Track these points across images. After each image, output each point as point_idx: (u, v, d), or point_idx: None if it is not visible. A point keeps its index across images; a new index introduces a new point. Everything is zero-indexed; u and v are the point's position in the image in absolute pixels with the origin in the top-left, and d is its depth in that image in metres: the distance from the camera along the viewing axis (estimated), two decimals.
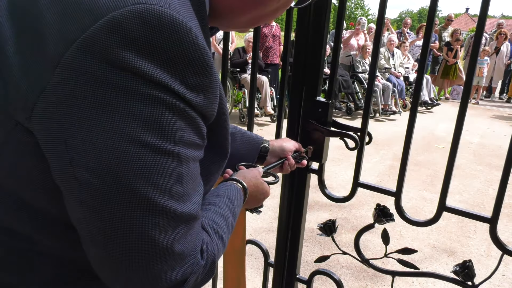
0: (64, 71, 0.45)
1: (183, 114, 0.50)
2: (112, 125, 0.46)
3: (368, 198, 3.82)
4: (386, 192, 1.15)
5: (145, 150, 0.48)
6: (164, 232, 0.51)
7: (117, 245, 0.50)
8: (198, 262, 0.58)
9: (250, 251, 2.73)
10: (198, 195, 0.57)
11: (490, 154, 5.73)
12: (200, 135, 0.54)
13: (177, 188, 0.52)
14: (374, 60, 1.09)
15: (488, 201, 4.06)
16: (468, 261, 1.07)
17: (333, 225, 1.28)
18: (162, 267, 0.52)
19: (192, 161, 0.54)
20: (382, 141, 6.09)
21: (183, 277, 0.55)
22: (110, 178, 0.47)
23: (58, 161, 0.48)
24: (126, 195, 0.48)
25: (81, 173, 0.47)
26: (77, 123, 0.46)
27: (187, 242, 0.55)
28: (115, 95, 0.46)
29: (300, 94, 1.18)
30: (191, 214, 0.54)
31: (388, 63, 8.28)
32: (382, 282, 2.57)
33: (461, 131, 1.01)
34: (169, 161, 0.50)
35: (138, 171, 0.48)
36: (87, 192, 0.48)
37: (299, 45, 1.15)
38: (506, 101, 10.59)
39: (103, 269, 0.54)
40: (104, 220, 0.49)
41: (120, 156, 0.47)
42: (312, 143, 1.18)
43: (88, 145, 0.46)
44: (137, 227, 0.50)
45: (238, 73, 6.72)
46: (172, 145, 0.50)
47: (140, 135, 0.47)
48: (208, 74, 0.52)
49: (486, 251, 3.06)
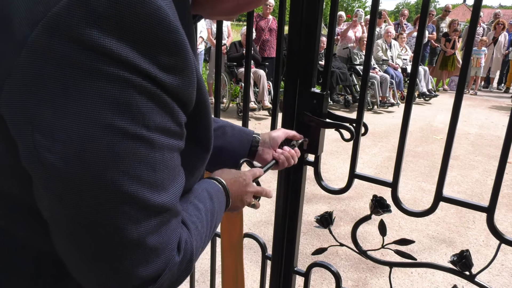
0: (30, 52, 0.43)
1: (155, 97, 0.47)
2: (78, 107, 0.44)
3: (367, 190, 3.82)
4: (382, 183, 1.14)
5: (113, 134, 0.45)
6: (135, 223, 0.48)
7: (84, 236, 0.48)
8: (174, 258, 0.55)
9: (248, 245, 2.73)
10: (175, 187, 0.53)
11: (489, 145, 5.73)
12: (176, 122, 0.51)
13: (149, 176, 0.49)
14: (369, 48, 1.08)
15: (487, 191, 4.06)
16: (466, 251, 1.06)
17: (330, 217, 1.27)
18: (132, 262, 0.50)
19: (168, 150, 0.51)
20: (380, 133, 6.08)
21: (156, 273, 0.52)
22: (76, 162, 0.45)
23: (24, 144, 0.46)
24: (92, 181, 0.45)
25: (46, 156, 0.45)
26: (43, 105, 0.44)
27: (161, 235, 0.52)
28: (82, 75, 0.44)
29: (294, 86, 1.17)
30: (165, 205, 0.51)
31: (385, 55, 8.26)
32: (381, 273, 2.58)
33: (457, 120, 1.01)
34: (139, 146, 0.47)
35: (106, 155, 0.45)
36: (52, 177, 0.46)
37: (293, 36, 1.13)
38: (504, 92, 10.57)
39: (71, 261, 0.52)
40: (69, 207, 0.47)
41: (87, 139, 0.44)
42: (307, 135, 1.17)
43: (53, 127, 0.44)
44: (105, 216, 0.47)
45: (235, 67, 6.69)
46: (142, 129, 0.47)
47: (108, 117, 0.45)
48: (182, 55, 0.49)
49: (485, 241, 3.06)
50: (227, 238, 1.38)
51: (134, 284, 0.51)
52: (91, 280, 0.52)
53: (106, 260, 0.49)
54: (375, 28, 1.06)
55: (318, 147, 1.18)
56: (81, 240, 0.48)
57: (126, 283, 0.51)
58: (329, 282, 2.45)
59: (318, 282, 2.45)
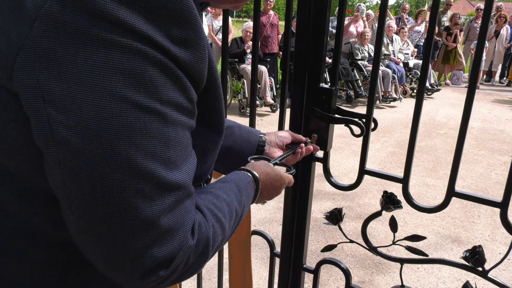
0: (43, 24, 0.43)
1: (168, 70, 0.47)
2: (92, 79, 0.43)
3: (371, 186, 3.81)
4: (393, 178, 1.13)
5: (127, 106, 0.44)
6: (149, 201, 0.47)
7: (97, 213, 0.47)
8: (188, 241, 0.53)
9: (255, 242, 2.72)
10: (188, 167, 0.52)
11: (492, 139, 5.71)
12: (188, 98, 0.51)
13: (163, 152, 0.48)
14: (378, 44, 1.06)
15: (491, 185, 4.05)
16: (479, 246, 1.05)
17: (339, 214, 1.26)
18: (145, 242, 0.48)
19: (181, 126, 0.50)
20: (383, 128, 6.07)
21: (170, 256, 0.51)
22: (89, 135, 0.44)
23: (37, 119, 0.45)
24: (106, 155, 0.44)
25: (59, 131, 0.44)
26: (56, 78, 0.43)
27: (175, 216, 0.51)
28: (95, 47, 0.43)
29: (302, 81, 1.16)
30: (178, 183, 0.50)
31: (387, 50, 8.22)
32: (388, 269, 2.57)
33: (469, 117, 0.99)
34: (153, 121, 0.46)
35: (120, 129, 0.44)
36: (65, 152, 0.45)
37: (301, 31, 1.12)
38: (506, 85, 10.53)
39: (83, 242, 0.50)
40: (83, 183, 0.45)
41: (100, 112, 0.44)
42: (316, 131, 1.16)
43: (66, 100, 0.43)
44: (118, 192, 0.46)
45: (237, 63, 6.67)
46: (156, 103, 0.46)
47: (121, 90, 0.44)
48: (194, 28, 0.49)
49: (491, 236, 3.05)
50: (235, 235, 1.37)
51: (147, 266, 0.50)
52: (104, 261, 0.50)
53: (119, 239, 0.48)
54: (384, 26, 1.05)
55: (328, 143, 1.16)
56: (94, 219, 0.47)
57: (139, 265, 0.50)
58: (335, 279, 2.44)
59: (324, 279, 2.44)
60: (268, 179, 0.80)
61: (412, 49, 8.89)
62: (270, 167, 0.83)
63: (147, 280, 0.51)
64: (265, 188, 0.80)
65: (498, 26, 9.95)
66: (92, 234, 0.48)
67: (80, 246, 0.51)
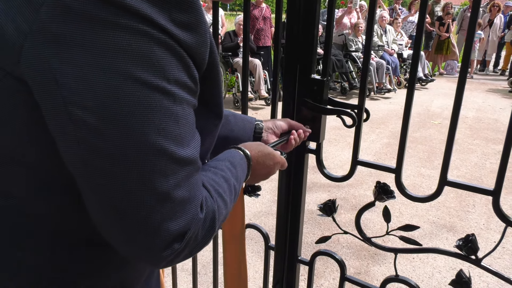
0: (50, 9, 0.44)
1: (172, 50, 0.49)
2: (103, 61, 0.45)
3: (366, 177, 3.82)
4: (386, 169, 1.13)
5: (138, 86, 0.46)
6: (163, 175, 0.49)
7: (117, 190, 0.49)
8: (198, 214, 0.56)
9: (250, 235, 2.72)
10: (196, 142, 0.55)
11: (486, 128, 5.73)
12: (192, 78, 0.53)
13: (174, 129, 0.50)
14: (369, 34, 1.05)
15: (485, 174, 4.07)
16: (471, 235, 1.05)
17: (333, 205, 1.26)
18: (161, 216, 0.50)
19: (186, 104, 0.52)
20: (377, 119, 6.07)
21: (183, 229, 0.53)
22: (106, 115, 0.46)
23: (51, 102, 0.46)
24: (122, 133, 0.47)
25: (75, 111, 0.46)
26: (67, 61, 0.45)
27: (187, 190, 0.53)
28: (103, 30, 0.45)
29: (294, 73, 1.15)
30: (189, 159, 0.52)
31: (381, 41, 8.21)
32: (383, 260, 2.58)
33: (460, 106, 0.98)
34: (163, 99, 0.48)
35: (133, 107, 0.46)
36: (82, 131, 0.47)
37: (291, 23, 1.11)
38: (500, 74, 10.57)
39: (100, 218, 0.52)
40: (102, 160, 0.47)
41: (114, 92, 0.46)
42: (308, 123, 1.15)
43: (80, 82, 0.45)
44: (136, 167, 0.48)
45: (230, 57, 6.64)
46: (164, 81, 0.48)
47: (131, 70, 0.46)
48: (195, 13, 0.51)
49: (486, 225, 3.07)
50: (229, 229, 1.37)
51: (162, 240, 0.52)
52: (123, 238, 0.52)
53: (135, 214, 0.50)
54: (374, 15, 1.04)
55: (320, 134, 1.16)
56: (111, 195, 0.49)
57: (154, 239, 0.51)
58: (331, 270, 2.45)
59: (320, 271, 2.45)
60: (260, 156, 0.82)
61: (406, 40, 8.88)
62: (263, 146, 0.85)
63: (164, 254, 0.53)
64: (257, 165, 0.82)
65: (491, 15, 9.96)
66: (108, 209, 0.50)
67: (96, 222, 0.53)
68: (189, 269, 2.38)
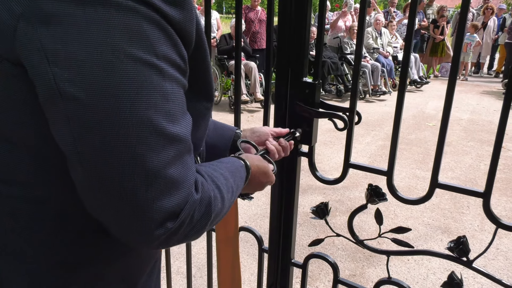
0: None
1: (161, 27, 0.50)
2: (93, 37, 0.46)
3: (362, 180, 3.83)
4: (377, 171, 1.13)
5: (127, 60, 0.47)
6: (154, 151, 0.50)
7: (108, 165, 0.49)
8: (193, 195, 0.56)
9: (245, 238, 2.72)
10: (187, 122, 0.55)
11: (481, 130, 5.76)
12: (180, 56, 0.53)
13: (163, 105, 0.50)
14: (359, 37, 1.06)
15: (480, 176, 4.09)
16: (463, 236, 1.06)
17: (325, 208, 1.26)
18: (154, 192, 0.50)
19: (176, 82, 0.52)
20: (373, 122, 6.09)
21: (177, 208, 0.53)
22: (95, 90, 0.47)
23: (42, 80, 0.47)
24: (113, 108, 0.47)
25: (66, 88, 0.47)
26: (58, 38, 0.46)
27: (178, 168, 0.53)
28: (93, 7, 0.46)
29: (286, 76, 1.15)
30: (179, 136, 0.53)
31: (376, 43, 8.24)
32: (378, 262, 2.58)
33: (450, 107, 0.99)
34: (152, 74, 0.49)
35: (122, 82, 0.47)
36: (73, 107, 0.47)
37: (283, 26, 1.11)
38: (494, 76, 10.63)
39: (92, 198, 0.52)
40: (93, 136, 0.48)
41: (103, 67, 0.46)
42: (300, 126, 1.16)
43: (70, 59, 0.46)
44: (126, 142, 0.48)
45: (226, 60, 6.65)
46: (153, 57, 0.49)
47: (121, 45, 0.47)
48: None
49: (480, 226, 3.08)
50: (223, 231, 1.37)
51: (156, 218, 0.52)
52: (115, 216, 0.52)
53: (130, 190, 0.50)
54: (365, 17, 1.05)
55: (312, 137, 1.16)
56: (105, 171, 0.49)
57: (146, 215, 0.51)
58: (326, 273, 2.45)
59: (315, 273, 2.45)
60: (257, 172, 0.83)
61: (401, 43, 8.92)
62: (262, 162, 0.86)
63: (156, 232, 0.53)
64: (253, 179, 0.82)
65: (485, 18, 10.02)
66: (103, 188, 0.50)
67: (91, 207, 0.53)
68: (184, 272, 2.38)
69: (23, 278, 0.59)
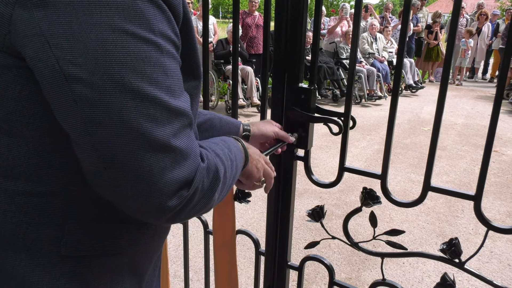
0: None
1: (155, 3, 0.51)
2: (91, 17, 0.47)
3: (358, 184, 3.85)
4: (371, 175, 1.16)
5: (127, 37, 0.48)
6: (160, 125, 0.51)
7: (119, 142, 0.50)
8: (201, 164, 0.58)
9: (242, 242, 2.74)
10: (186, 97, 0.57)
11: (475, 134, 5.80)
12: (174, 32, 0.55)
13: (164, 80, 0.52)
14: (354, 41, 1.09)
15: (474, 180, 4.10)
16: (455, 238, 1.08)
17: (321, 211, 1.28)
18: (165, 164, 0.52)
19: (172, 57, 0.54)
20: (368, 126, 6.13)
21: (189, 176, 0.55)
22: (99, 69, 0.48)
23: (45, 64, 0.48)
24: (118, 85, 0.48)
25: (70, 69, 0.47)
26: (56, 21, 0.47)
27: (183, 140, 0.55)
28: None
29: (282, 81, 1.18)
30: (181, 109, 0.54)
31: (371, 48, 8.30)
32: (374, 265, 2.60)
33: (442, 111, 1.02)
34: (151, 50, 0.50)
35: (124, 59, 0.48)
36: (80, 88, 0.48)
37: (279, 31, 1.14)
38: (489, 81, 10.71)
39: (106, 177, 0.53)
40: (101, 114, 0.49)
41: (104, 45, 0.47)
42: (296, 130, 1.18)
43: (71, 40, 0.47)
44: (134, 117, 0.49)
45: (223, 64, 6.67)
46: (151, 34, 0.51)
47: (119, 23, 0.48)
48: None
49: (474, 229, 3.11)
50: (220, 235, 1.39)
51: (170, 188, 0.53)
52: (130, 192, 0.53)
53: (141, 167, 0.51)
54: (360, 22, 1.07)
55: (308, 141, 1.19)
56: (117, 149, 0.50)
57: (163, 187, 0.53)
58: (322, 276, 2.47)
59: (312, 276, 2.46)
60: (255, 153, 0.86)
61: (396, 48, 8.98)
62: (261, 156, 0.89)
63: (172, 202, 0.54)
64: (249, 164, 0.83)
65: (479, 24, 10.11)
66: (117, 166, 0.51)
67: (104, 189, 0.54)
68: (181, 276, 2.39)
69: (36, 270, 0.60)
